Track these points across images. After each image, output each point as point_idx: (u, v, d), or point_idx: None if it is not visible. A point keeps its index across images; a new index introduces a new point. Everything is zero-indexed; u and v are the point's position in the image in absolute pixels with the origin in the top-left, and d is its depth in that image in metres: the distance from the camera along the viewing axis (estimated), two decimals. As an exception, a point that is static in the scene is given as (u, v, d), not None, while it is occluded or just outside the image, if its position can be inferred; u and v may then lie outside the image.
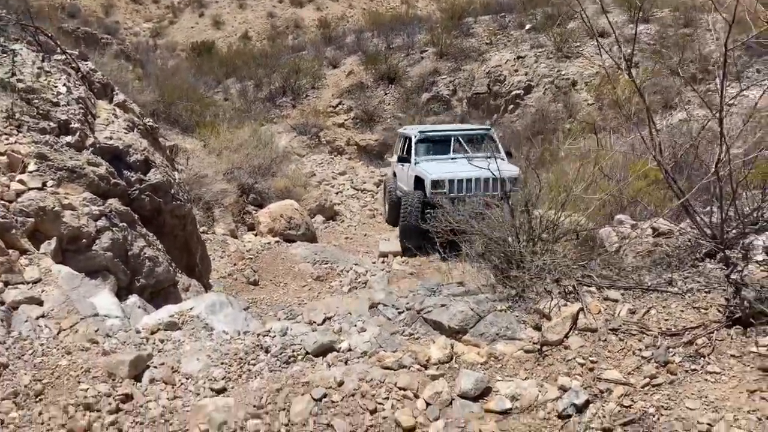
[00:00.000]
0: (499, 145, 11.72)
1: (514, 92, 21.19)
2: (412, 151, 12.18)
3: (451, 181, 10.69)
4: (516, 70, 21.77)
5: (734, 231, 3.89)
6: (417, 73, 23.33)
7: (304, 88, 24.50)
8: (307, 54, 28.18)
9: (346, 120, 22.30)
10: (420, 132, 12.63)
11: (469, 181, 10.51)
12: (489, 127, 12.66)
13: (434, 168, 11.26)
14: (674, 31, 21.29)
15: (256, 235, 11.48)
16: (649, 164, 4.93)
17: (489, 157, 9.45)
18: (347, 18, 43.79)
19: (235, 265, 9.75)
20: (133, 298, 6.03)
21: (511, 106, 21.06)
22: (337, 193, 15.95)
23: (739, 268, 3.62)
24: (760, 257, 3.87)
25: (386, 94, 22.95)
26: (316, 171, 17.81)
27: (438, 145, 12.23)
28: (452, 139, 12.10)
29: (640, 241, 4.55)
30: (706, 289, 3.69)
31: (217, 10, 46.49)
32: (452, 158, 11.62)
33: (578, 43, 21.87)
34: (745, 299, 3.32)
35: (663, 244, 4.45)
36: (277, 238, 11.06)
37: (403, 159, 12.44)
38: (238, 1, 47.12)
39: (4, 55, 6.95)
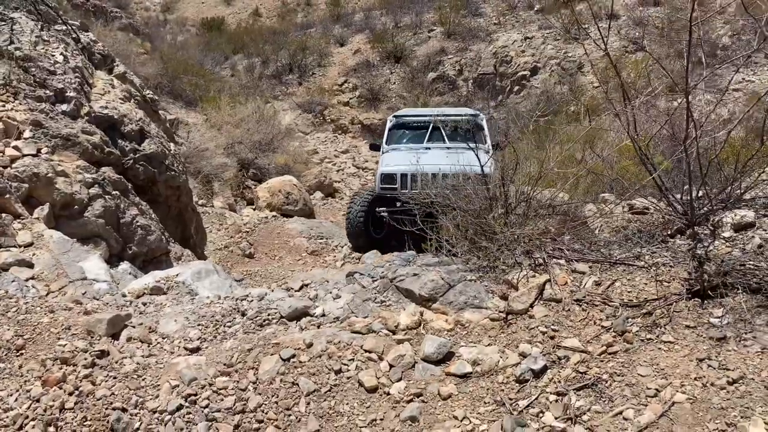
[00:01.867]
0: (487, 135, 9.59)
1: (520, 73, 21.08)
2: (384, 138, 10.38)
3: (404, 176, 8.74)
4: (523, 51, 21.62)
5: (705, 208, 3.94)
6: (423, 53, 23.21)
7: (310, 66, 24.45)
8: (315, 32, 28.08)
9: (351, 99, 22.28)
10: (395, 116, 10.75)
11: (425, 176, 8.45)
12: (477, 112, 10.21)
13: (395, 159, 9.46)
14: (684, 14, 21.03)
15: (254, 209, 11.60)
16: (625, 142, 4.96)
17: (469, 148, 8.67)
18: (358, -5, 43.44)
19: (231, 237, 9.88)
20: (124, 265, 6.18)
21: (517, 87, 20.96)
22: (338, 171, 16.03)
23: (705, 244, 3.69)
24: (727, 234, 3.93)
25: (392, 73, 22.87)
26: (319, 148, 17.87)
27: (414, 132, 10.30)
28: (431, 125, 10.01)
29: (616, 217, 4.61)
30: (672, 264, 3.76)
31: (227, -15, 46.20)
32: (427, 148, 9.64)
33: (586, 25, 21.66)
34: (706, 273, 3.39)
35: (637, 220, 4.52)
36: (274, 213, 11.18)
37: (375, 146, 10.66)
38: (248, -23, 46.79)
39: (3, 23, 7.04)
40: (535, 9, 23.95)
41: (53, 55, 7.10)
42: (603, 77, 18.23)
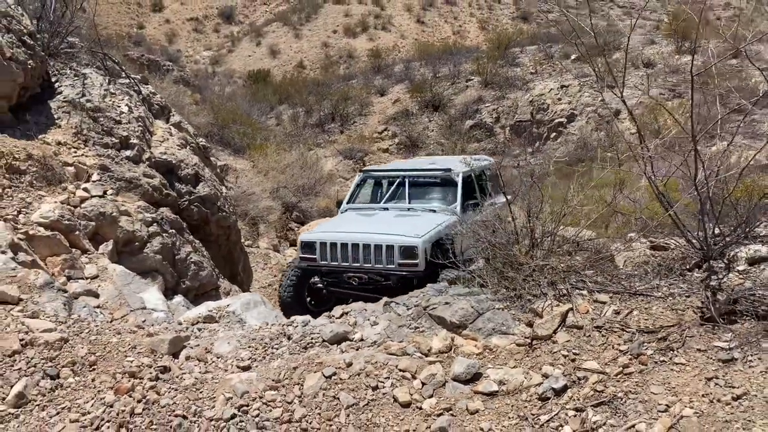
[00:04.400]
0: (459, 193, 8.21)
1: (556, 120, 21.46)
2: (347, 197, 9.20)
3: (323, 245, 7.47)
4: (559, 99, 22.05)
5: (720, 244, 4.20)
6: (461, 101, 23.87)
7: (351, 114, 25.35)
8: (356, 82, 29.14)
9: (390, 145, 22.97)
10: (362, 171, 9.63)
11: (344, 246, 7.35)
12: (449, 168, 8.52)
13: (335, 223, 8.51)
14: (721, 63, 21.23)
15: (296, 250, 12.07)
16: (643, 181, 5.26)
17: (430, 211, 7.97)
18: (399, 48, 44.84)
19: (275, 276, 10.34)
20: (179, 298, 6.66)
21: (554, 134, 21.32)
22: (377, 214, 16.49)
23: (720, 276, 3.95)
24: (741, 267, 4.17)
25: (430, 121, 23.54)
26: (359, 193, 18.44)
27: (381, 190, 9.03)
28: (395, 182, 8.76)
29: (638, 253, 4.88)
30: (687, 294, 4.02)
31: (273, 39, 48.26)
32: (384, 208, 8.43)
33: (622, 73, 22.00)
34: (717, 301, 3.64)
35: (658, 255, 4.78)
36: (316, 254, 11.62)
37: (340, 203, 9.35)
38: (294, 31, 48.82)
39: (76, 78, 7.81)
40: (572, 58, 24.44)
41: (119, 106, 7.81)
42: (640, 123, 18.48)
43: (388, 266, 7.07)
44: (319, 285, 7.89)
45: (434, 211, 8.06)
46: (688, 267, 4.40)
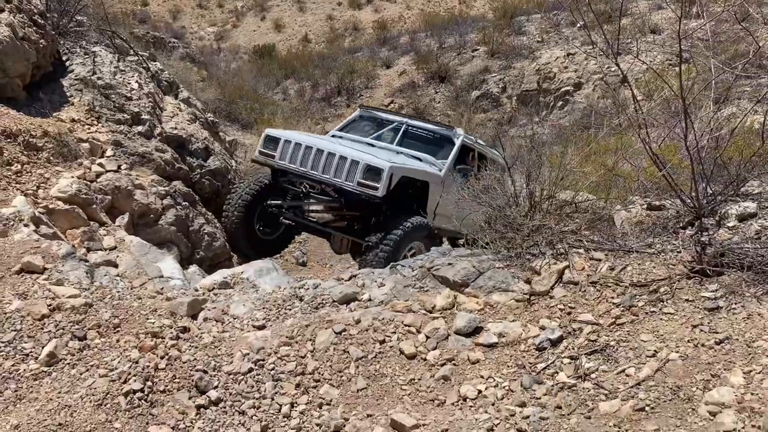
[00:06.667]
0: (451, 157, 7.53)
1: (563, 89, 21.42)
2: (339, 126, 8.69)
3: (287, 143, 6.99)
4: (566, 67, 21.96)
5: (711, 202, 4.38)
6: (467, 72, 23.80)
7: (358, 88, 25.33)
8: (362, 55, 29.02)
9: (397, 118, 23.04)
10: (361, 107, 9.09)
11: (308, 150, 6.82)
12: (452, 126, 8.11)
13: (311, 135, 8.05)
14: (729, 27, 21.02)
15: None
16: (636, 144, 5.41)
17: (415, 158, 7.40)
18: (405, 19, 44.42)
19: (286, 247, 10.58)
20: (194, 267, 6.92)
21: (560, 102, 21.29)
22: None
23: (711, 232, 4.13)
24: (731, 223, 4.35)
25: (437, 92, 23.51)
26: (367, 166, 18.61)
27: (374, 130, 8.33)
28: (391, 125, 8.19)
29: (635, 214, 5.06)
30: (679, 250, 4.20)
31: (278, 13, 47.90)
32: (370, 144, 7.76)
33: (629, 40, 21.86)
34: (706, 255, 3.83)
35: (654, 215, 4.96)
36: (325, 225, 11.87)
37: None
38: (298, 5, 48.41)
39: (86, 56, 8.00)
40: (578, 26, 24.26)
41: (129, 83, 8.00)
42: (646, 91, 18.44)
43: (346, 182, 6.48)
44: (274, 209, 7.35)
45: (419, 159, 7.47)
46: (681, 225, 4.58)
